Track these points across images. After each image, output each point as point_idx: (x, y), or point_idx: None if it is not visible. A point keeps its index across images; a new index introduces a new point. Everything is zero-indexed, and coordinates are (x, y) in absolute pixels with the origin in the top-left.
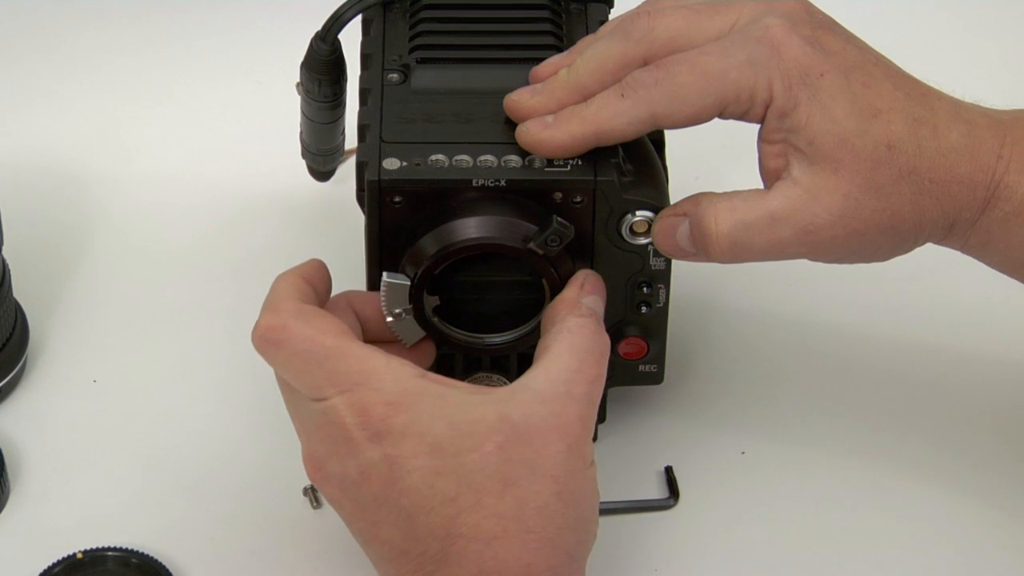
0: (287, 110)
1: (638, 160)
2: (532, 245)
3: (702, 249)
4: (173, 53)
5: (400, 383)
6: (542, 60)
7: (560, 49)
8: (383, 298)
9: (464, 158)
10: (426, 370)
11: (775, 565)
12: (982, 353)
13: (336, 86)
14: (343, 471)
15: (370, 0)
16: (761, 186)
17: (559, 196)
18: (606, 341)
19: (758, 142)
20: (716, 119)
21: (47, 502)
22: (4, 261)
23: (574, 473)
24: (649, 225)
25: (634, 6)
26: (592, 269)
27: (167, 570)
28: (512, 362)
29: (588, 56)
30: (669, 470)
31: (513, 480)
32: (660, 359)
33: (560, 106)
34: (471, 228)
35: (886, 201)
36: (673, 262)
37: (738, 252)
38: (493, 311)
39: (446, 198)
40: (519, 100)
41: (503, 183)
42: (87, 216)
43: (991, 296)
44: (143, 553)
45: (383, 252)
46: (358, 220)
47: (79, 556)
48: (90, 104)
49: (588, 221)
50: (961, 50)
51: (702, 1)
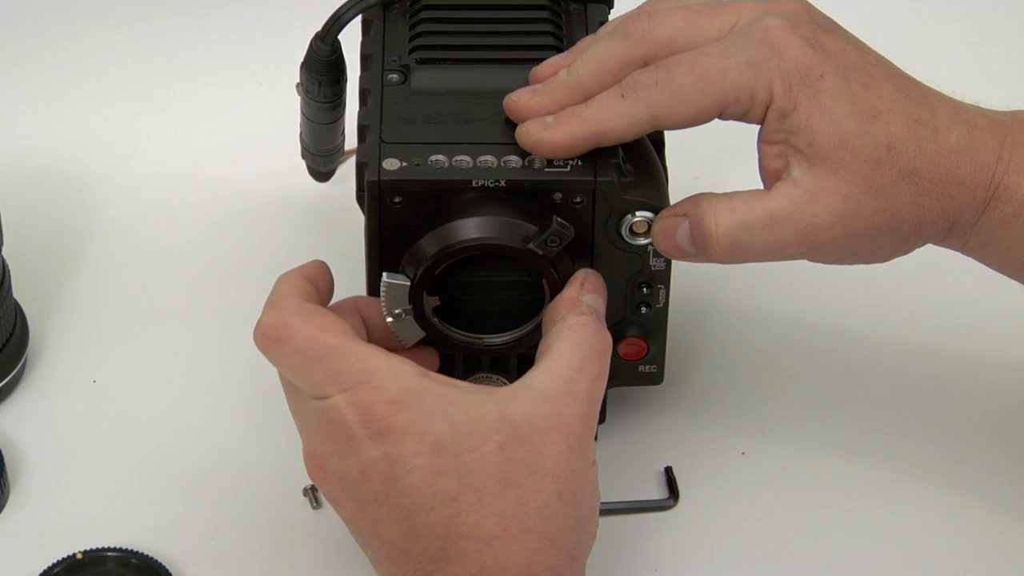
0: (287, 110)
1: (638, 160)
2: (532, 245)
3: (702, 250)
4: (173, 53)
5: (402, 382)
6: (542, 60)
7: (560, 49)
8: (383, 298)
9: (464, 158)
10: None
11: (775, 565)
12: (982, 353)
13: (336, 86)
14: (344, 469)
15: (370, 0)
16: (761, 187)
17: (559, 196)
18: (608, 339)
19: (758, 143)
20: (716, 120)
21: (47, 502)
22: (4, 261)
23: (575, 473)
24: (649, 225)
25: (634, 6)
26: (592, 269)
27: (167, 570)
28: (512, 362)
29: (588, 56)
30: (669, 470)
31: (514, 480)
32: (660, 359)
33: (560, 106)
34: (471, 228)
35: (886, 202)
36: (673, 262)
37: (738, 253)
38: (493, 311)
39: (446, 198)
40: (519, 100)
41: (503, 183)
42: (87, 216)
43: (991, 296)
44: (143, 553)
45: (383, 252)
46: (358, 220)
47: (79, 556)
48: (90, 104)
49: (588, 221)
50: (961, 51)
51: (702, 2)
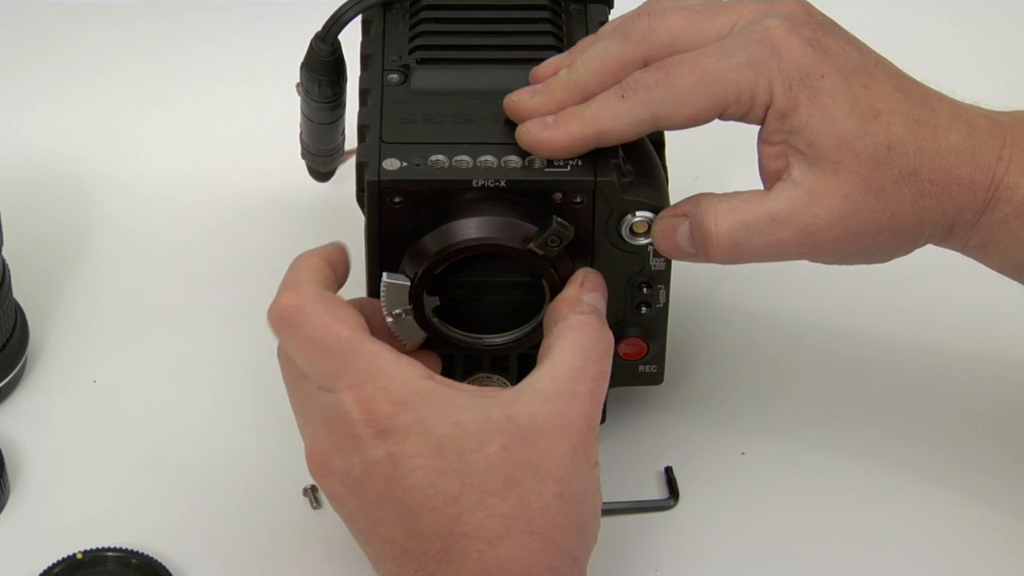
0: (287, 110)
1: (638, 160)
2: (532, 245)
3: (702, 250)
4: (173, 53)
5: (408, 383)
6: (542, 60)
7: (560, 49)
8: (383, 298)
9: (464, 158)
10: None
11: (775, 565)
12: (982, 353)
13: (336, 87)
14: (347, 467)
15: (370, 0)
16: (761, 187)
17: (559, 196)
18: (609, 338)
19: (758, 143)
20: (716, 120)
21: (47, 502)
22: (4, 261)
23: (578, 474)
24: (649, 225)
25: (634, 6)
26: (592, 268)
27: (167, 570)
28: (512, 362)
29: (588, 57)
30: (669, 470)
31: (517, 480)
32: (660, 359)
33: (560, 107)
34: (471, 228)
35: (886, 202)
36: (673, 262)
37: (738, 253)
38: (493, 312)
39: (446, 198)
40: (519, 100)
41: (503, 183)
42: (87, 216)
43: (991, 296)
44: (143, 553)
45: (383, 252)
46: (358, 220)
47: (79, 556)
48: (90, 104)
49: (588, 221)
50: (961, 51)
51: (702, 2)
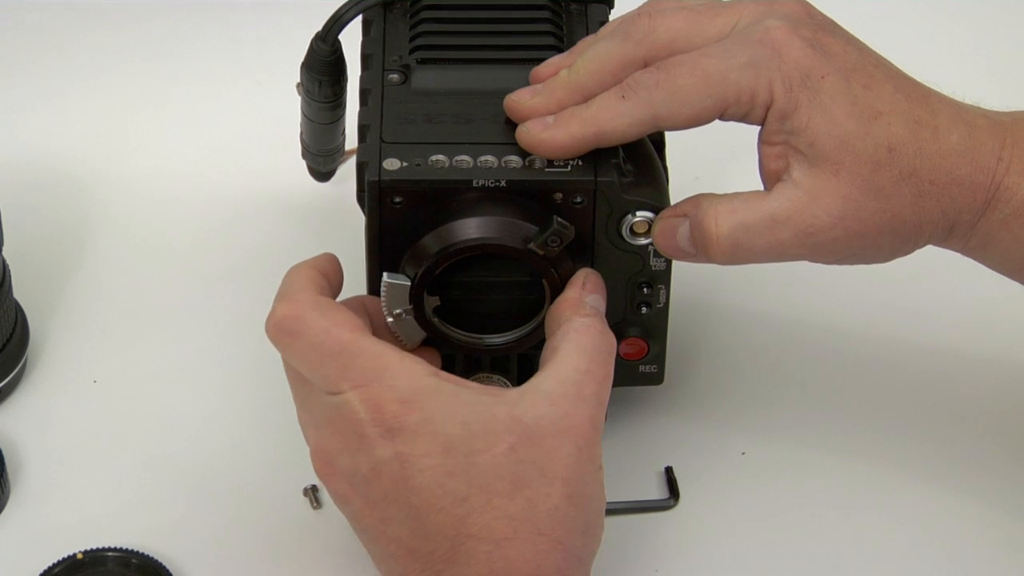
0: (287, 110)
1: (638, 161)
2: (532, 245)
3: (702, 250)
4: (173, 53)
5: (414, 381)
6: (542, 60)
7: (560, 49)
8: (383, 298)
9: (464, 158)
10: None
11: (775, 565)
12: (982, 353)
13: (336, 87)
14: (354, 466)
15: (370, 0)
16: (761, 187)
17: (559, 196)
18: (612, 340)
19: (758, 144)
20: (716, 121)
21: (47, 502)
22: (4, 261)
23: (584, 476)
24: (649, 226)
25: (635, 7)
26: (592, 269)
27: (167, 570)
28: (512, 362)
29: (589, 57)
30: (669, 470)
31: (524, 482)
32: (660, 359)
33: (560, 107)
34: (471, 228)
35: (886, 203)
36: (673, 262)
37: (738, 253)
38: (493, 312)
39: (446, 198)
40: (519, 100)
41: (503, 183)
42: (87, 216)
43: (991, 296)
44: (143, 553)
45: (383, 252)
46: (358, 220)
47: (79, 556)
48: (90, 104)
49: (588, 221)
50: (961, 51)
51: (703, 2)
